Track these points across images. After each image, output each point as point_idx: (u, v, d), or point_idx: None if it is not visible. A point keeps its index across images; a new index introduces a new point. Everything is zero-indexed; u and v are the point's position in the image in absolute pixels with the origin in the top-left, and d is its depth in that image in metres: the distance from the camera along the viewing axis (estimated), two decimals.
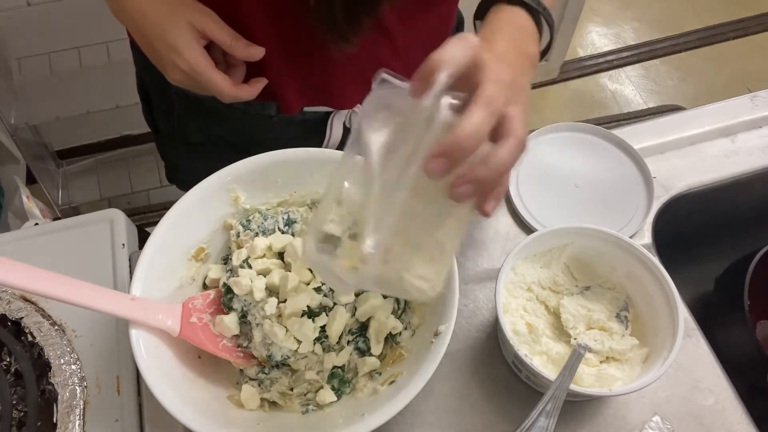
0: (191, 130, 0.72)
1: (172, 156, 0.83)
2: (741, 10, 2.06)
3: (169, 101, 0.69)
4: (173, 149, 0.80)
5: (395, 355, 0.52)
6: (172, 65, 0.52)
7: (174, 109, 0.70)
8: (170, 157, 0.83)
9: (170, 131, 0.75)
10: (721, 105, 0.74)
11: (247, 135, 0.69)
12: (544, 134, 0.70)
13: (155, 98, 0.74)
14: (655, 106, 1.90)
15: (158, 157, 0.87)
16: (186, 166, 0.80)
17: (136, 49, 0.70)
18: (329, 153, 0.58)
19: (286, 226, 0.58)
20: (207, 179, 0.55)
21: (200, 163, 0.59)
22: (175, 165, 0.83)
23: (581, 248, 0.56)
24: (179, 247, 0.55)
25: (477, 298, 0.59)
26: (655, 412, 0.53)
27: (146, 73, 0.72)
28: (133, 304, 0.48)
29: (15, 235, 0.65)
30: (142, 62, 0.68)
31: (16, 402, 0.53)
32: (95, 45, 1.44)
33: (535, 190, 0.66)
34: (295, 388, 0.52)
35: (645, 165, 0.67)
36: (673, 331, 0.49)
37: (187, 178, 0.63)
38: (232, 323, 0.52)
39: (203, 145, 0.73)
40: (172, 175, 0.86)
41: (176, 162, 0.83)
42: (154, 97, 0.75)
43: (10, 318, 0.57)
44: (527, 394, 0.54)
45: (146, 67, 0.65)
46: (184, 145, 0.75)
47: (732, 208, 0.73)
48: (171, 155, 0.83)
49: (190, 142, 0.74)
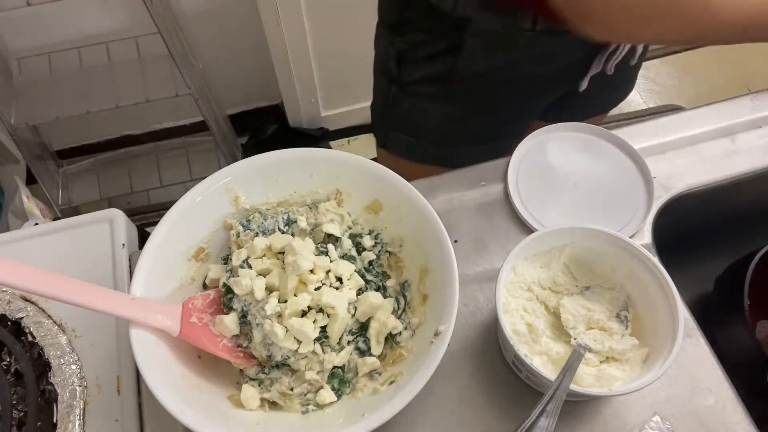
0: (469, 67, 0.69)
1: (409, 109, 0.79)
2: None
3: (455, 45, 0.67)
4: (415, 98, 0.77)
5: (395, 355, 0.52)
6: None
7: (463, 49, 0.67)
8: (405, 111, 0.79)
9: (432, 76, 0.72)
10: (721, 105, 0.74)
11: (537, 62, 0.69)
12: (545, 134, 0.70)
13: (428, 48, 0.71)
14: (655, 106, 1.90)
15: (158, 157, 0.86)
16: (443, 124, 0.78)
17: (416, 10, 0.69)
18: (329, 153, 0.58)
19: (286, 226, 0.58)
20: (207, 179, 0.56)
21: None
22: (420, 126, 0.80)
23: (581, 248, 0.56)
24: (179, 247, 0.55)
25: (477, 298, 0.59)
26: (655, 412, 0.53)
27: (430, 24, 0.69)
28: (133, 304, 0.48)
29: (15, 235, 0.65)
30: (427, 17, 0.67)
31: (16, 402, 0.53)
32: (95, 45, 1.45)
33: (535, 190, 0.66)
34: (295, 388, 0.52)
35: (645, 165, 0.67)
36: (673, 331, 0.49)
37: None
38: (232, 323, 0.52)
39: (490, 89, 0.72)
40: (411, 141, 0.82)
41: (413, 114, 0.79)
42: (426, 47, 0.71)
43: (10, 318, 0.57)
44: (527, 394, 0.54)
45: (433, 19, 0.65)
46: (438, 90, 0.73)
47: (732, 208, 0.73)
48: (409, 108, 0.79)
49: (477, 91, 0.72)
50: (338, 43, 1.59)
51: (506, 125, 0.75)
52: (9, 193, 1.54)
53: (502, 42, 0.66)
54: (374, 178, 0.57)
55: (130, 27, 1.44)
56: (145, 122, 1.75)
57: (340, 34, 1.56)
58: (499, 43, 0.66)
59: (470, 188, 0.67)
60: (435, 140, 0.81)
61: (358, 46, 1.61)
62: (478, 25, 0.64)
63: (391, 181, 0.56)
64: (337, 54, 1.62)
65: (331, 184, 0.59)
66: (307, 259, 0.52)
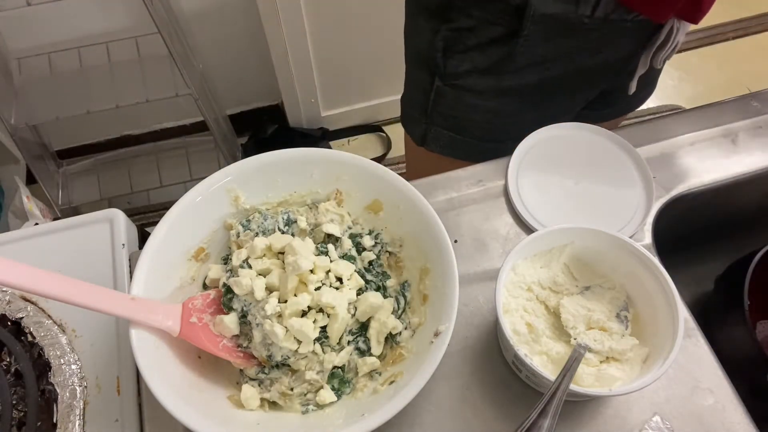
0: (526, 57, 0.67)
1: (455, 102, 0.76)
2: (741, 10, 2.06)
3: (511, 31, 0.65)
4: (464, 91, 0.74)
5: (395, 355, 0.52)
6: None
7: (520, 35, 0.65)
8: (451, 105, 0.77)
9: (482, 67, 0.70)
10: (721, 105, 0.74)
11: (592, 52, 0.68)
12: (545, 134, 0.70)
13: (478, 36, 0.68)
14: (655, 106, 1.90)
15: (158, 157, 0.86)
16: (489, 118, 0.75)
17: None
18: (329, 153, 0.58)
19: (286, 226, 0.58)
20: (207, 179, 0.56)
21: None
22: (465, 117, 0.78)
23: (581, 248, 0.56)
24: (179, 247, 0.55)
25: (477, 298, 0.59)
26: (655, 412, 0.53)
27: (483, 10, 0.67)
28: (133, 304, 0.48)
29: (15, 235, 0.65)
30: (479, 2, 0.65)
31: (16, 402, 0.53)
32: (95, 45, 1.45)
33: (535, 189, 0.66)
34: (295, 388, 0.52)
35: (645, 165, 0.67)
36: (673, 331, 0.49)
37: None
38: (232, 323, 0.52)
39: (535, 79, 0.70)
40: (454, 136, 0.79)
41: (460, 107, 0.77)
42: (476, 35, 0.68)
43: (10, 318, 0.57)
44: (527, 394, 0.54)
45: (487, 3, 0.64)
46: (490, 83, 0.71)
47: (732, 208, 0.73)
48: (455, 101, 0.76)
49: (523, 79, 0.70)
50: (338, 43, 1.59)
51: (552, 120, 0.72)
52: (9, 193, 1.54)
53: (562, 29, 0.64)
54: (374, 178, 0.57)
55: (130, 27, 1.44)
56: (145, 122, 1.75)
57: (340, 34, 1.56)
58: (558, 29, 0.65)
59: (470, 188, 0.67)
60: (480, 136, 0.78)
61: (358, 46, 1.62)
62: (538, 10, 0.62)
63: (391, 181, 0.56)
64: (337, 54, 1.62)
65: (331, 184, 0.59)
66: (307, 259, 0.52)
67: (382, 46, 1.53)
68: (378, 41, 1.58)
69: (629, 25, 0.65)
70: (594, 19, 0.63)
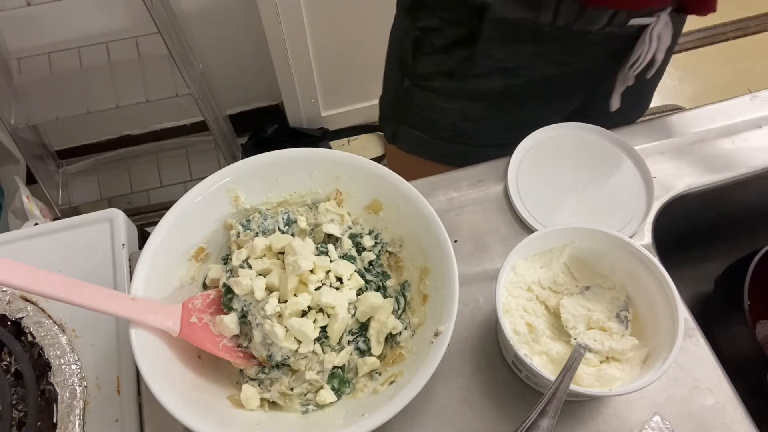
0: (486, 62, 0.67)
1: (423, 104, 0.77)
2: (741, 10, 2.06)
3: (470, 35, 0.65)
4: (431, 93, 0.75)
5: (395, 355, 0.52)
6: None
7: (480, 39, 0.65)
8: (419, 106, 0.77)
9: (446, 69, 0.70)
10: (721, 105, 0.74)
11: (543, 62, 0.67)
12: (545, 134, 0.70)
13: (442, 37, 0.69)
14: (655, 106, 1.90)
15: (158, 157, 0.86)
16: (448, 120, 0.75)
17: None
18: (329, 153, 0.58)
19: (286, 226, 0.58)
20: (207, 179, 0.56)
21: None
22: (426, 117, 0.78)
23: (581, 248, 0.56)
24: (179, 247, 0.55)
25: (477, 298, 0.59)
26: (655, 412, 0.53)
27: (447, 9, 0.67)
28: (133, 304, 0.48)
29: (15, 235, 0.65)
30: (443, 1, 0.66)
31: (16, 402, 0.53)
32: (95, 45, 1.45)
33: (535, 190, 0.66)
34: (295, 388, 0.52)
35: (645, 165, 0.67)
36: (673, 331, 0.49)
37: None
38: (232, 323, 0.52)
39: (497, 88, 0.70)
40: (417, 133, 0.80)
41: (428, 109, 0.77)
42: (440, 36, 0.69)
43: (10, 318, 0.57)
44: (527, 394, 0.54)
45: (449, 3, 0.64)
46: (454, 85, 0.71)
47: (732, 208, 0.73)
48: (423, 103, 0.76)
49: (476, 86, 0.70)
50: (338, 43, 1.59)
51: (523, 128, 0.71)
52: (9, 193, 1.54)
53: (522, 35, 0.64)
54: (374, 178, 0.57)
55: (130, 27, 1.44)
56: (145, 122, 1.75)
57: (340, 34, 1.56)
58: (518, 35, 0.64)
59: (470, 188, 0.67)
60: (448, 138, 0.78)
61: (358, 46, 1.62)
62: (496, 13, 0.62)
63: (391, 181, 0.56)
64: (337, 54, 1.62)
65: (331, 184, 0.59)
66: (307, 259, 0.52)
67: (382, 46, 1.52)
68: (378, 41, 1.56)
69: (593, 38, 0.64)
70: (555, 28, 0.63)
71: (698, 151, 0.70)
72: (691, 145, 0.70)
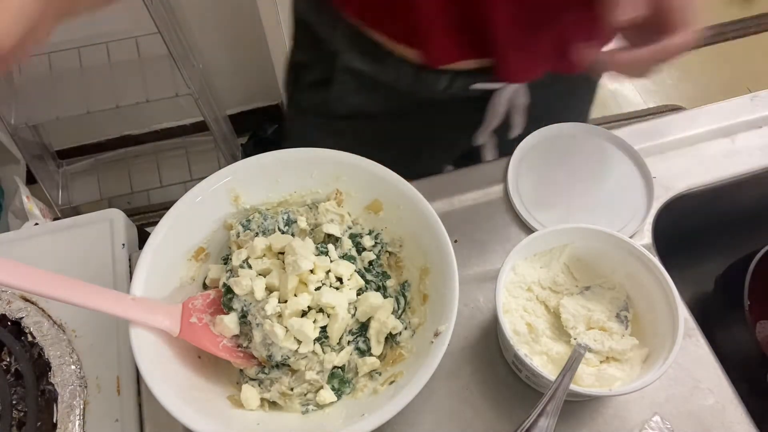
0: (343, 106, 0.69)
1: (301, 134, 0.79)
2: (741, 10, 2.06)
3: (327, 77, 0.67)
4: (306, 126, 0.77)
5: (395, 355, 0.52)
6: None
7: (333, 83, 0.67)
8: (298, 135, 0.80)
9: (315, 106, 0.72)
10: (721, 105, 0.74)
11: (401, 112, 0.68)
12: (545, 133, 0.70)
13: (311, 74, 0.71)
14: (655, 106, 1.90)
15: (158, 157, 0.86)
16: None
17: (301, 28, 0.69)
18: (329, 153, 0.58)
19: (286, 226, 0.58)
20: (207, 179, 0.56)
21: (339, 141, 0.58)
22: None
23: (581, 248, 0.56)
24: (179, 247, 0.55)
25: (477, 298, 0.59)
26: (655, 412, 0.53)
27: (312, 48, 0.69)
28: (133, 304, 0.48)
29: (15, 235, 0.65)
30: (309, 39, 0.67)
31: (16, 402, 0.53)
32: (95, 45, 1.45)
33: (535, 190, 0.66)
34: (295, 388, 0.52)
35: (645, 165, 0.67)
36: (673, 331, 0.49)
37: None
38: (232, 323, 0.52)
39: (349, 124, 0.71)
40: None
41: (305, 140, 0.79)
42: (310, 72, 0.71)
43: (10, 318, 0.57)
44: (527, 394, 0.54)
45: (313, 43, 0.65)
46: (323, 123, 0.72)
47: (732, 208, 0.73)
48: (301, 133, 0.79)
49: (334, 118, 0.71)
50: None
51: (408, 164, 0.63)
52: (9, 193, 1.54)
53: (372, 86, 0.65)
54: (374, 178, 0.57)
55: (130, 27, 1.44)
56: (145, 122, 1.75)
57: None
58: (368, 86, 0.65)
59: (470, 188, 0.67)
60: None
61: None
62: (345, 62, 0.63)
63: (391, 181, 0.56)
64: None
65: (331, 184, 0.59)
66: (307, 259, 0.52)
67: None
68: None
69: (442, 97, 0.65)
70: (401, 85, 0.63)
71: (698, 151, 0.70)
72: (691, 145, 0.70)
